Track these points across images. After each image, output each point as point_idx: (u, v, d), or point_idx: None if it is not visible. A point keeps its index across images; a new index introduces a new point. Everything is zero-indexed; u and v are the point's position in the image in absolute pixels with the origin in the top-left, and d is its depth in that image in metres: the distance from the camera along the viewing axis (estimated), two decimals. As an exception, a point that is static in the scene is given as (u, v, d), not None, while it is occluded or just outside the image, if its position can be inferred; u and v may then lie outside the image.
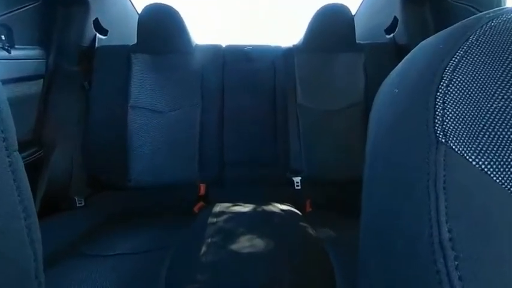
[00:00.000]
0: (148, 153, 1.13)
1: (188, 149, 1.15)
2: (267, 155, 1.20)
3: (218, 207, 0.95)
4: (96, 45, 1.20)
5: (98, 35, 1.22)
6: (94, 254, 0.78)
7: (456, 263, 0.16)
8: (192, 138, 1.16)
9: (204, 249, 0.71)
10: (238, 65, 1.27)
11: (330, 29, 1.18)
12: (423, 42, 0.24)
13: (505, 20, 0.19)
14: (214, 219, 0.86)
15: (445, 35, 0.21)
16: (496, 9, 0.20)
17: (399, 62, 0.26)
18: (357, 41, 1.22)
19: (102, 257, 0.76)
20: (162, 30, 1.16)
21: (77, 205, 1.07)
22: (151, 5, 1.15)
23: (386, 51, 1.22)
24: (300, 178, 1.14)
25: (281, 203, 1.01)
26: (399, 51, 1.22)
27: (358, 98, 1.19)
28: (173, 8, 1.15)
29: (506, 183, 0.16)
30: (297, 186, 1.14)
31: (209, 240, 0.75)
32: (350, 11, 1.18)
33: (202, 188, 1.13)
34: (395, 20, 1.25)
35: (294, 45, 1.29)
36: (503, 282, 0.15)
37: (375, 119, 0.26)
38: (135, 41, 1.18)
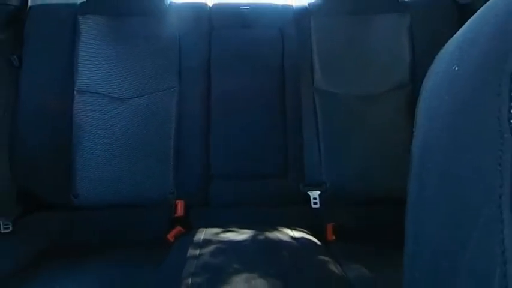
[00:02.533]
0: (103, 158, 1.13)
1: (160, 152, 1.15)
2: (271, 160, 1.20)
3: (202, 234, 0.95)
4: (29, 3, 1.20)
5: (31, -11, 1.22)
6: None
7: None
8: (165, 137, 1.15)
9: (182, 294, 0.71)
10: (231, 33, 1.27)
11: None
12: None
13: None
14: (197, 251, 0.86)
15: None
16: None
17: (460, 28, 0.26)
18: None
19: None
20: None
21: (1, 231, 1.07)
22: None
23: (441, 12, 1.22)
24: (318, 193, 1.14)
25: (292, 228, 1.01)
26: (460, 12, 1.21)
27: (402, 78, 1.19)
28: None
29: None
30: (315, 204, 1.14)
31: (189, 280, 0.74)
32: None
33: (180, 207, 1.13)
34: None
35: (310, 4, 1.29)
36: None
37: (425, 109, 0.27)
38: (85, -2, 1.18)
